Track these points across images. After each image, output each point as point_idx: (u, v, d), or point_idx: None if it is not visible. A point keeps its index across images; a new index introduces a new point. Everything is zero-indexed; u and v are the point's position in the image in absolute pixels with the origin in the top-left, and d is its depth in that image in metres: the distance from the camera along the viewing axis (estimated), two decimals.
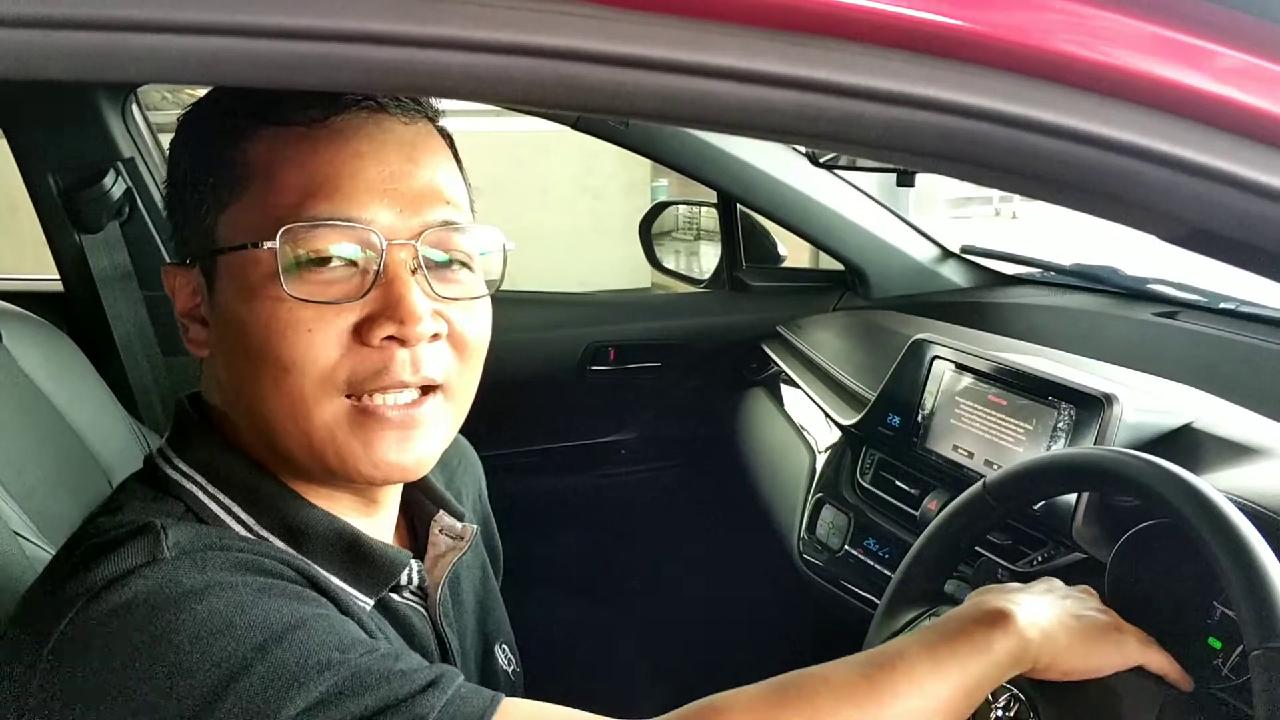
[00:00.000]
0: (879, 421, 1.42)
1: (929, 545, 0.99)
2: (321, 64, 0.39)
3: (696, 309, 2.04)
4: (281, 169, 0.64)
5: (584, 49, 0.39)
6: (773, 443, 1.76)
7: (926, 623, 0.96)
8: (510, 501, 1.88)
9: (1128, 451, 0.85)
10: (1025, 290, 1.87)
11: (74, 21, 0.36)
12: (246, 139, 0.65)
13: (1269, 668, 0.67)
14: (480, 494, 1.00)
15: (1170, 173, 0.44)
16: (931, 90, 0.42)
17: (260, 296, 0.64)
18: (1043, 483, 0.92)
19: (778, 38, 0.40)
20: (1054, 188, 0.46)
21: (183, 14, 0.37)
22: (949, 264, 1.97)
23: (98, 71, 0.38)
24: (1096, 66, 0.43)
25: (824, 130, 0.42)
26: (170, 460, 0.70)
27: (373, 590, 0.71)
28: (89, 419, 1.41)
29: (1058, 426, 1.15)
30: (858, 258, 1.93)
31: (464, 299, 0.69)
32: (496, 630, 0.93)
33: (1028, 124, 0.43)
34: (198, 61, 0.36)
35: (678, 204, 2.26)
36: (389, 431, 0.66)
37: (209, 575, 0.59)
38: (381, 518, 0.76)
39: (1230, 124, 0.44)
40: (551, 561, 1.90)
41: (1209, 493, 0.76)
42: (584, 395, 1.96)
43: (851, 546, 1.39)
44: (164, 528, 0.61)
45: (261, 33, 0.38)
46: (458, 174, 0.72)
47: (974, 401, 1.28)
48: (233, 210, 0.66)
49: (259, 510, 0.68)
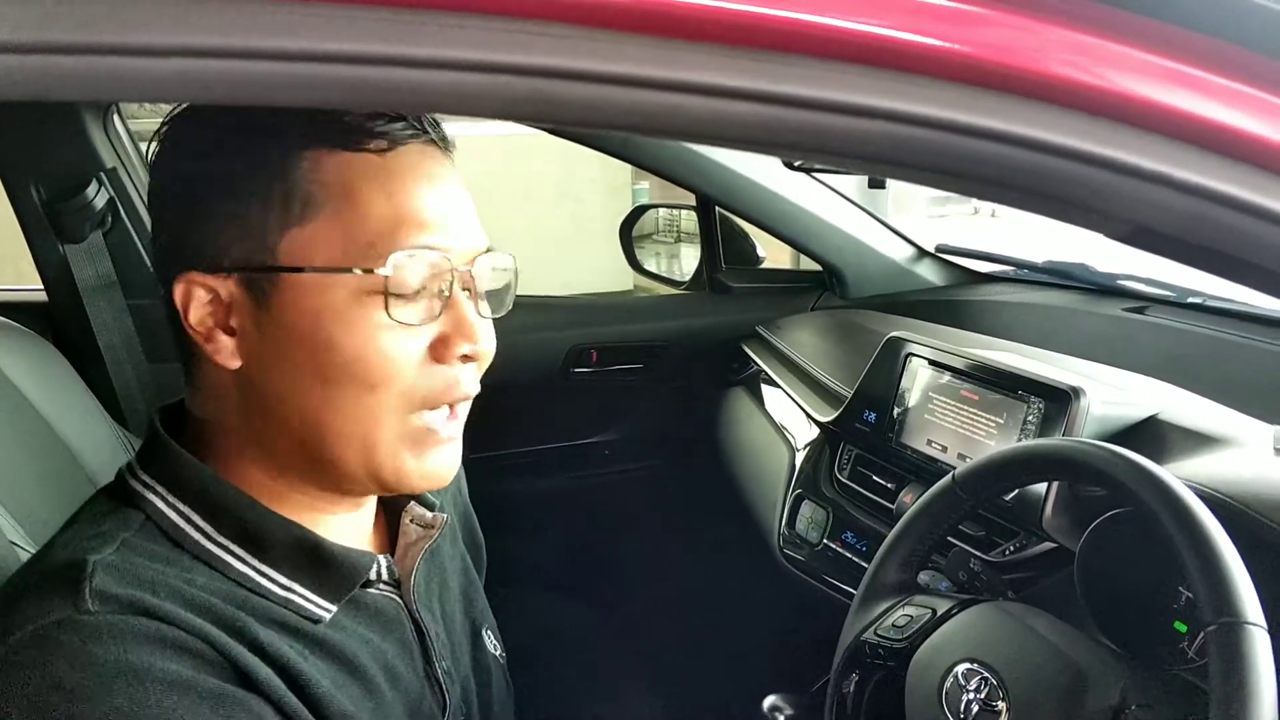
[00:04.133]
0: (855, 418, 1.45)
1: (901, 538, 1.01)
2: (309, 83, 0.41)
3: (677, 311, 2.07)
4: (364, 196, 0.67)
5: (559, 67, 0.42)
6: (753, 441, 1.79)
7: (901, 613, 0.99)
8: (495, 503, 1.90)
9: (1089, 441, 0.88)
10: (999, 288, 1.91)
11: (58, 46, 0.38)
12: (313, 160, 0.66)
13: (1223, 642, 0.70)
14: (460, 489, 1.03)
15: (1109, 175, 0.47)
16: (883, 101, 0.44)
17: (354, 318, 0.66)
18: (1009, 474, 0.95)
19: (739, 54, 0.43)
20: (1000, 190, 0.49)
21: (172, 39, 0.39)
22: (924, 263, 2.01)
23: (84, 93, 0.41)
24: (1038, 76, 0.45)
25: (785, 140, 0.45)
26: (135, 472, 0.72)
27: (336, 595, 0.73)
28: (76, 427, 1.42)
29: (1028, 420, 1.18)
30: (835, 258, 1.96)
31: (497, 317, 0.75)
32: (482, 618, 0.96)
33: (972, 131, 0.45)
34: (180, 82, 0.39)
35: (658, 207, 2.29)
36: (442, 449, 0.72)
37: (124, 656, 0.59)
38: (360, 521, 0.79)
39: (1167, 129, 0.47)
40: (537, 561, 1.92)
41: (1164, 477, 0.79)
42: (567, 397, 1.99)
43: (830, 540, 1.42)
44: (94, 569, 0.62)
45: (256, 55, 0.41)
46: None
47: (947, 397, 1.31)
48: (306, 229, 0.66)
49: (217, 519, 0.70)
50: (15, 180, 1.56)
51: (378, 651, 0.75)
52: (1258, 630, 0.70)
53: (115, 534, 0.66)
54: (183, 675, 0.60)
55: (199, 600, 0.65)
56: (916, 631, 0.96)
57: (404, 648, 0.79)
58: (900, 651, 0.96)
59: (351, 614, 0.75)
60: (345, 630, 0.73)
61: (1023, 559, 1.15)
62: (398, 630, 0.79)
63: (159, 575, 0.64)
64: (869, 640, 0.99)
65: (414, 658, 0.80)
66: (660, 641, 1.75)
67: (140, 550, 0.66)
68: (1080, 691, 0.81)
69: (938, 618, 0.95)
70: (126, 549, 0.65)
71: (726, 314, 2.03)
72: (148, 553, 0.66)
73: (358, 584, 0.75)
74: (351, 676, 0.72)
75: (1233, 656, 0.69)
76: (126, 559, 0.64)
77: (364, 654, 0.74)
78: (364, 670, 0.73)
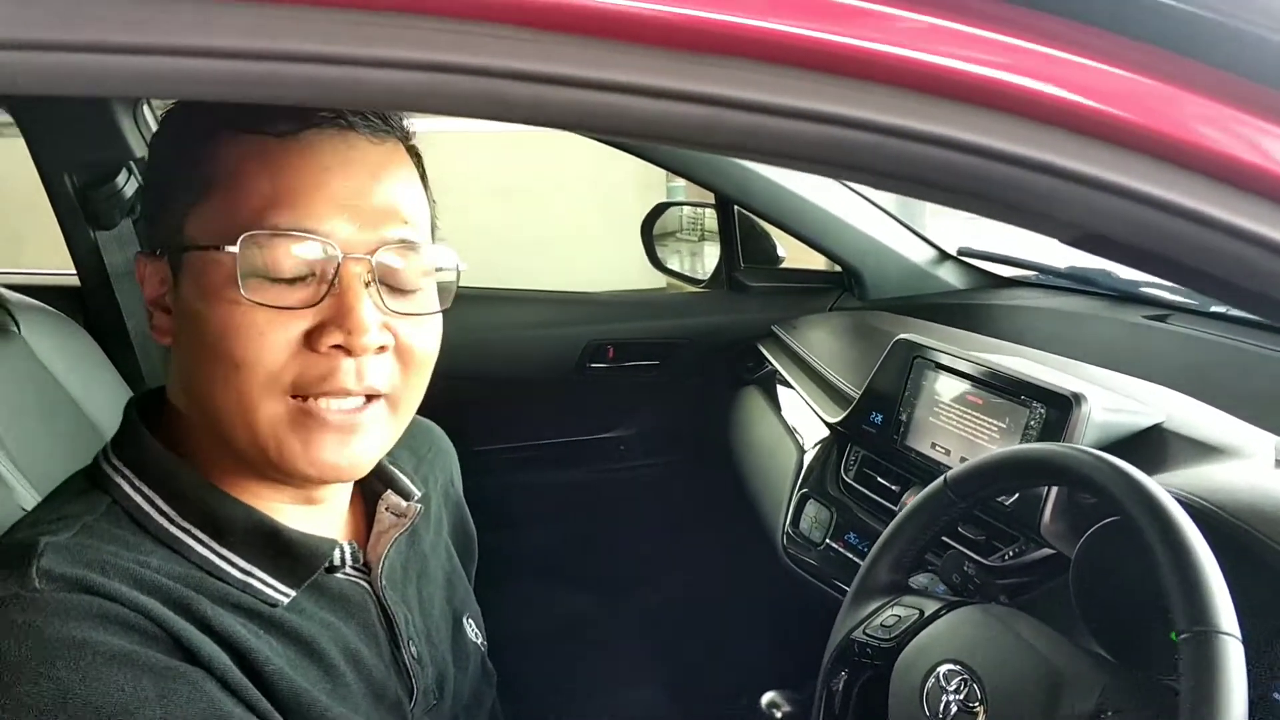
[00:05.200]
0: (863, 419, 1.45)
1: (893, 539, 1.02)
2: (269, 81, 0.43)
3: (694, 309, 2.08)
4: (249, 176, 0.67)
5: (507, 68, 0.43)
6: (763, 440, 1.79)
7: (889, 613, 0.99)
8: (509, 494, 1.94)
9: (1077, 447, 0.88)
10: (1019, 292, 1.90)
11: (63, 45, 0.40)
12: (218, 143, 0.68)
13: (1195, 650, 0.70)
14: (452, 481, 1.03)
15: (1051, 180, 0.48)
16: (825, 106, 0.45)
17: (218, 297, 0.67)
18: (998, 477, 0.95)
19: (679, 57, 0.44)
20: (945, 194, 0.50)
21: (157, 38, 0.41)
22: (945, 266, 2.00)
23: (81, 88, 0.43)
24: (977, 81, 0.46)
25: (725, 141, 0.46)
26: (108, 457, 0.74)
27: (295, 580, 0.74)
28: (103, 408, 1.46)
29: (1029, 425, 1.18)
30: (854, 259, 1.96)
31: (414, 314, 0.72)
32: (463, 606, 0.97)
33: (910, 134, 0.46)
34: (161, 78, 0.41)
35: (679, 205, 2.30)
36: (329, 433, 0.69)
37: (66, 630, 0.60)
38: (325, 509, 0.79)
39: (1110, 136, 0.48)
40: (548, 553, 1.94)
41: (1148, 484, 0.79)
42: (583, 392, 2.00)
43: (833, 540, 1.42)
44: (44, 550, 0.63)
45: (221, 54, 0.43)
46: (420, 194, 0.75)
47: (952, 400, 1.31)
48: (200, 210, 0.69)
49: (180, 504, 0.71)
50: (50, 169, 1.61)
51: (339, 635, 0.76)
52: (1231, 640, 0.70)
53: (77, 517, 0.68)
54: (124, 649, 0.62)
55: (149, 580, 0.66)
56: (904, 632, 0.96)
57: (368, 632, 0.80)
58: (887, 651, 0.96)
59: (314, 598, 0.76)
60: (305, 614, 0.74)
61: (1020, 564, 1.15)
62: (362, 615, 0.80)
63: (111, 556, 0.66)
64: (858, 639, 1.00)
65: (380, 642, 0.81)
66: (664, 635, 1.77)
67: (100, 533, 0.68)
68: (1056, 694, 0.81)
69: (925, 619, 0.96)
70: (85, 532, 0.67)
71: (744, 313, 2.03)
72: (108, 535, 0.68)
73: (317, 570, 0.75)
74: (309, 658, 0.73)
75: (1204, 665, 0.69)
76: (80, 541, 0.66)
77: (323, 637, 0.75)
78: (323, 653, 0.74)
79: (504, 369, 1.93)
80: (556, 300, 2.00)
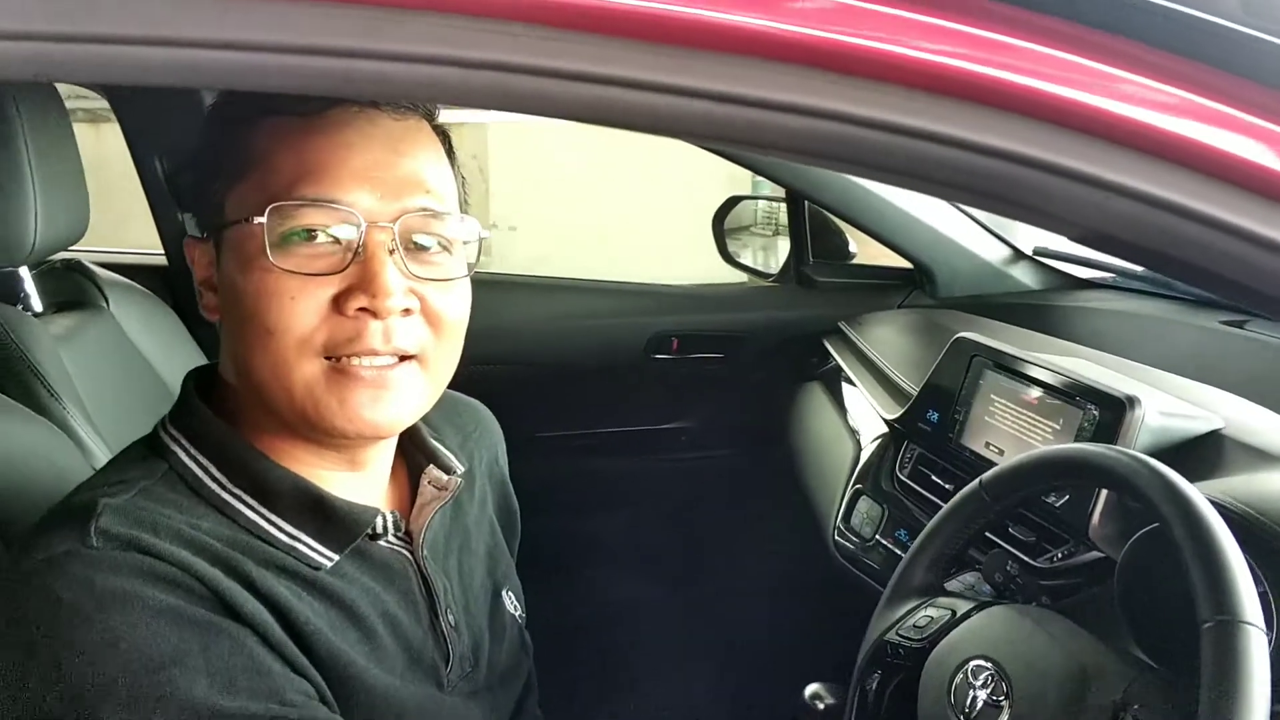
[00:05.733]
0: (919, 417, 1.45)
1: (929, 540, 1.02)
2: (289, 72, 0.46)
3: (761, 302, 2.08)
4: (279, 154, 0.72)
5: (509, 62, 0.46)
6: (822, 434, 1.79)
7: (922, 614, 0.99)
8: (570, 481, 1.97)
9: (1110, 447, 0.87)
10: (1096, 294, 1.86)
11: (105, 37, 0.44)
12: (253, 127, 0.73)
13: (1217, 640, 0.69)
14: (497, 460, 1.06)
15: (1056, 180, 0.48)
16: (831, 103, 0.47)
17: (252, 266, 0.71)
18: (1032, 478, 0.95)
19: (678, 53, 0.46)
20: (948, 190, 0.51)
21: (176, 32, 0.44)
22: (1020, 265, 1.97)
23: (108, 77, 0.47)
24: (971, 78, 0.47)
25: (730, 135, 0.48)
26: (166, 426, 0.79)
27: (338, 545, 0.78)
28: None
29: (1083, 427, 1.16)
30: (925, 256, 1.95)
31: (439, 279, 0.75)
32: (504, 578, 1.00)
33: (911, 132, 0.47)
34: (174, 70, 0.44)
35: (752, 199, 2.30)
36: (363, 389, 0.72)
37: (118, 583, 0.65)
38: (368, 477, 0.83)
39: (1112, 135, 0.48)
40: (607, 539, 1.97)
41: (1174, 479, 0.78)
42: (647, 382, 2.03)
43: (882, 537, 1.42)
44: (102, 510, 0.68)
45: (245, 47, 0.46)
46: (445, 167, 0.78)
47: (1007, 400, 1.29)
48: (238, 190, 0.73)
49: (231, 471, 0.76)
50: (142, 154, 1.70)
51: (378, 600, 0.80)
52: (1254, 630, 0.69)
53: (136, 481, 0.73)
54: (171, 603, 0.66)
55: (198, 541, 0.71)
56: (935, 632, 0.96)
57: (408, 599, 0.83)
58: (919, 652, 0.96)
59: (356, 564, 0.80)
60: (347, 578, 0.78)
61: (1068, 567, 1.14)
62: (402, 583, 0.83)
63: (164, 518, 0.71)
64: (890, 640, 1.00)
65: (419, 609, 0.84)
66: (712, 624, 1.78)
67: (156, 496, 0.73)
68: (1082, 688, 0.80)
69: (956, 618, 0.96)
70: (142, 495, 0.72)
71: (811, 308, 2.03)
72: (163, 499, 0.73)
73: (359, 536, 0.79)
74: (348, 620, 0.77)
75: (1226, 655, 0.68)
76: (136, 503, 0.71)
77: (363, 601, 0.79)
78: (362, 616, 0.78)
79: (568, 357, 1.96)
80: (621, 291, 2.02)
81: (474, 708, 0.89)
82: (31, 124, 1.25)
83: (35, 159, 1.25)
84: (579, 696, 1.59)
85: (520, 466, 1.09)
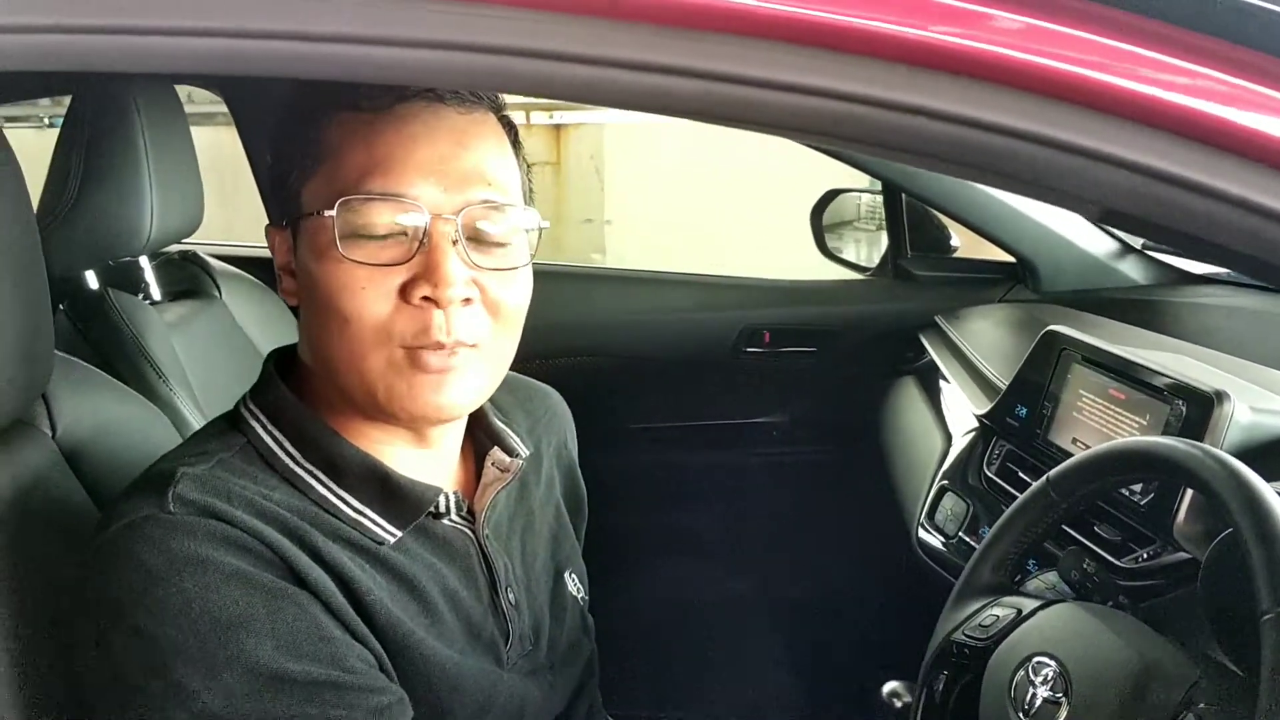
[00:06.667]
0: (1008, 412, 1.41)
1: (997, 540, 1.00)
2: (307, 60, 0.49)
3: (855, 296, 2.06)
4: (349, 148, 0.75)
5: (512, 45, 0.48)
6: (912, 429, 1.76)
7: (991, 613, 0.98)
8: (658, 473, 1.99)
9: (1180, 439, 0.84)
10: (1208, 289, 1.77)
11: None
12: (325, 122, 0.77)
13: (1278, 630, 0.66)
14: (565, 444, 1.08)
15: (1064, 156, 0.48)
16: (821, 81, 0.47)
17: (325, 256, 0.75)
18: (1099, 474, 0.92)
19: (678, 35, 0.47)
20: (960, 168, 0.51)
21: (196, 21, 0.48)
22: (1129, 260, 1.90)
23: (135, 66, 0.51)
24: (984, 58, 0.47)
25: (726, 114, 0.49)
26: (246, 403, 0.83)
27: (402, 521, 0.81)
28: None
29: (1169, 422, 1.12)
30: (1027, 249, 1.89)
31: (500, 269, 0.77)
32: (567, 560, 1.02)
33: (913, 110, 0.47)
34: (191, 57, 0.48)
35: (851, 191, 2.27)
36: (428, 376, 0.75)
37: (191, 547, 0.69)
38: (436, 453, 0.86)
39: (1122, 111, 0.47)
40: (692, 533, 1.98)
41: (1245, 473, 0.75)
42: (737, 376, 2.03)
43: (966, 534, 1.39)
44: (180, 478, 0.73)
45: (276, 35, 0.49)
46: (509, 159, 0.80)
47: (1095, 395, 1.25)
48: (312, 182, 0.77)
49: (304, 447, 0.79)
50: (254, 149, 1.79)
51: (439, 576, 0.83)
52: None
53: (215, 453, 0.78)
54: (240, 569, 0.70)
55: (269, 510, 0.75)
56: (1000, 631, 0.94)
57: (469, 576, 0.86)
58: (984, 651, 0.95)
59: (419, 541, 0.83)
60: (410, 554, 0.82)
61: (1150, 568, 1.10)
62: (464, 560, 0.86)
63: (239, 488, 0.75)
64: (957, 640, 0.99)
65: (479, 586, 0.87)
66: (793, 618, 1.77)
67: (232, 468, 0.77)
68: (1144, 686, 0.78)
69: (1021, 617, 0.94)
70: (220, 465, 0.77)
71: (908, 302, 2.00)
72: (239, 470, 0.77)
73: (422, 513, 0.82)
74: (409, 594, 0.80)
75: None
76: (214, 473, 0.75)
77: (425, 576, 0.82)
78: (423, 590, 0.81)
79: (659, 350, 1.98)
80: (713, 284, 2.03)
81: (533, 685, 0.91)
82: (150, 121, 1.34)
83: (152, 155, 1.33)
84: (655, 688, 1.61)
85: (608, 458, 1.11)
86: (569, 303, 1.99)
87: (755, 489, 2.07)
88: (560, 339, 1.95)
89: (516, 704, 0.88)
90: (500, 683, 0.86)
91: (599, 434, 1.10)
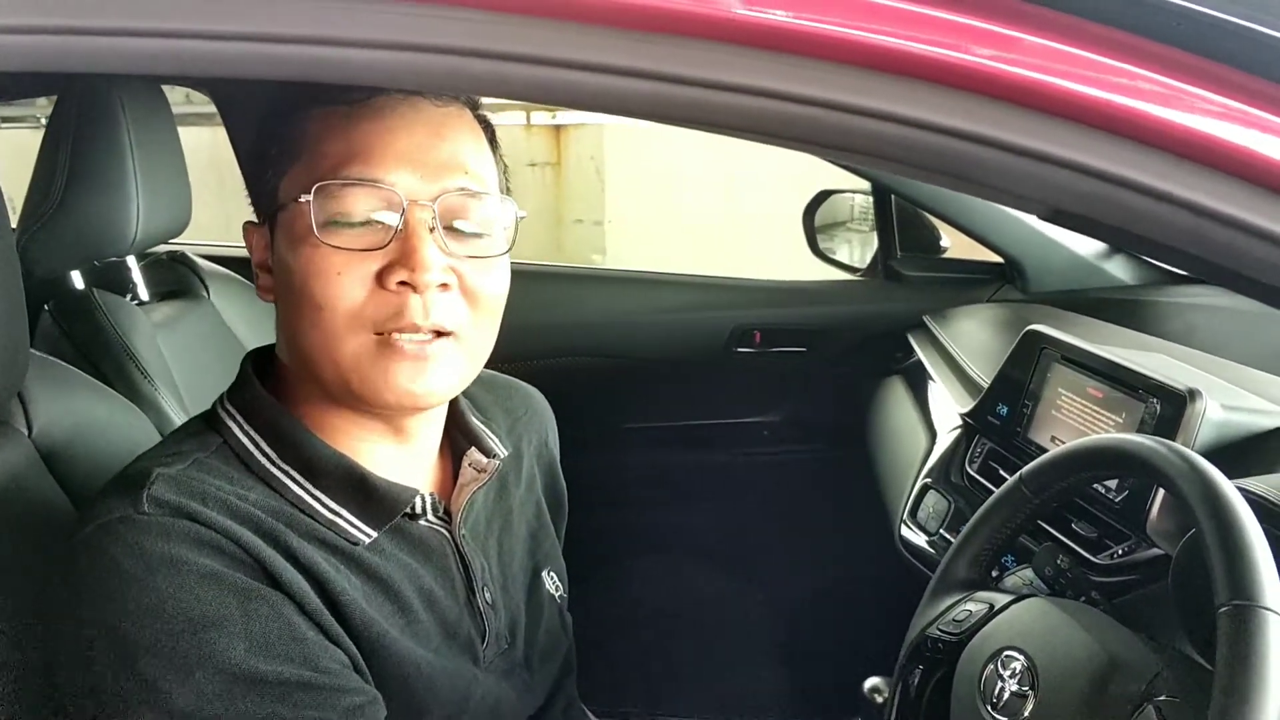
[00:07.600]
0: (989, 411, 1.42)
1: (971, 536, 1.01)
2: (269, 61, 0.50)
3: (845, 296, 2.06)
4: (327, 140, 0.76)
5: (468, 47, 0.49)
6: (897, 428, 1.77)
7: (964, 608, 0.98)
8: (648, 473, 2.00)
9: (1149, 437, 0.85)
10: (1195, 290, 1.78)
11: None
12: (302, 116, 0.78)
13: (1234, 624, 0.67)
14: (546, 443, 1.08)
15: (1009, 158, 0.49)
16: (773, 83, 0.48)
17: (301, 244, 0.75)
18: (1070, 470, 0.93)
19: (626, 36, 0.48)
20: (910, 169, 0.51)
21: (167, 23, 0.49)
22: (1116, 260, 1.90)
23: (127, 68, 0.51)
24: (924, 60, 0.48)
25: (677, 114, 0.50)
26: (223, 402, 0.83)
27: (378, 522, 0.81)
28: None
29: (1145, 420, 1.13)
30: (1015, 250, 1.90)
31: (477, 256, 0.78)
32: (545, 559, 1.02)
33: (861, 111, 0.48)
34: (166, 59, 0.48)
35: (842, 192, 2.28)
36: (404, 362, 0.75)
37: (165, 548, 0.69)
38: (413, 449, 0.86)
39: (1070, 114, 0.48)
40: (682, 532, 1.99)
41: (1205, 468, 0.76)
42: (729, 376, 2.03)
43: (948, 531, 1.40)
44: (155, 479, 0.73)
45: (232, 37, 0.50)
46: (485, 152, 0.81)
47: (1074, 393, 1.26)
48: (289, 175, 0.78)
49: (280, 446, 0.80)
50: (242, 149, 1.79)
51: (415, 576, 0.83)
52: (1272, 615, 0.67)
53: (190, 453, 0.78)
54: (214, 569, 0.70)
55: (243, 511, 0.75)
56: (972, 626, 0.95)
57: (445, 576, 0.86)
58: (956, 645, 0.96)
59: (396, 541, 0.83)
60: (385, 554, 0.82)
61: (1124, 564, 1.11)
62: (440, 560, 0.86)
63: (214, 489, 0.75)
64: (931, 635, 1.00)
65: (455, 586, 0.87)
66: (776, 615, 1.78)
67: (208, 468, 0.77)
68: (1106, 679, 0.79)
69: (993, 612, 0.95)
70: (195, 466, 0.77)
71: (897, 302, 2.01)
72: (215, 470, 0.77)
73: (398, 514, 0.83)
74: (384, 594, 0.81)
75: (1242, 639, 0.66)
76: (189, 473, 0.75)
77: (400, 577, 0.82)
78: (398, 591, 0.81)
79: (650, 350, 1.99)
80: (704, 284, 2.04)
81: (509, 684, 0.92)
82: (135, 122, 1.34)
83: (138, 155, 1.34)
84: (642, 684, 1.61)
85: (599, 457, 1.11)
86: (560, 303, 2.00)
87: (746, 488, 2.08)
88: (551, 339, 1.95)
89: (492, 702, 0.88)
90: (476, 682, 0.87)
91: (590, 433, 1.10)
